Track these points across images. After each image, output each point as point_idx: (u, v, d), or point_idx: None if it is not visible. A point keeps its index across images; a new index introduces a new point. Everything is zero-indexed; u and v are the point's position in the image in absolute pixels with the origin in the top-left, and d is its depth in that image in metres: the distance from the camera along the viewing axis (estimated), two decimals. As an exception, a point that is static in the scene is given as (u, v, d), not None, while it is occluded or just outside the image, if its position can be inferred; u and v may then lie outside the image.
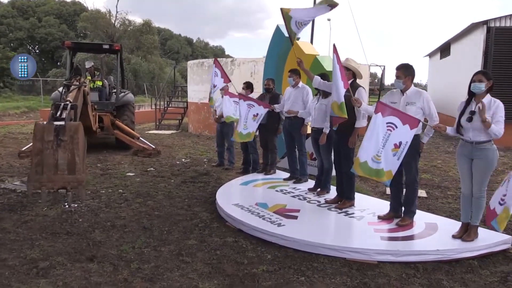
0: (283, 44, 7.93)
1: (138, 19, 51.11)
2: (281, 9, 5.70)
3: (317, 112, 5.89)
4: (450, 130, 4.28)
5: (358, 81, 5.32)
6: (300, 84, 6.50)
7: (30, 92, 29.48)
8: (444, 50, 19.08)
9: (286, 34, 6.30)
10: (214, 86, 7.37)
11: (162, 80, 34.36)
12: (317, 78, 5.61)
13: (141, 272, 3.70)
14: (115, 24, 36.79)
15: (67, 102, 5.36)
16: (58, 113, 5.03)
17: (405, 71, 4.55)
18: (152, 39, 38.69)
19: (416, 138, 4.58)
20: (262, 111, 6.60)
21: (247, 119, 6.61)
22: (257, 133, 7.34)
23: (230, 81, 7.38)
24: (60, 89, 10.52)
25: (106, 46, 11.54)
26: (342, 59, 5.20)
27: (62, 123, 4.77)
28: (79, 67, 8.07)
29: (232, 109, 6.98)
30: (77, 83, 6.83)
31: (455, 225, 4.54)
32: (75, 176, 4.66)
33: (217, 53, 62.04)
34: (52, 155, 4.63)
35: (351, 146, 5.29)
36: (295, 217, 4.97)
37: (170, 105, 18.32)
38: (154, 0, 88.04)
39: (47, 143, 4.64)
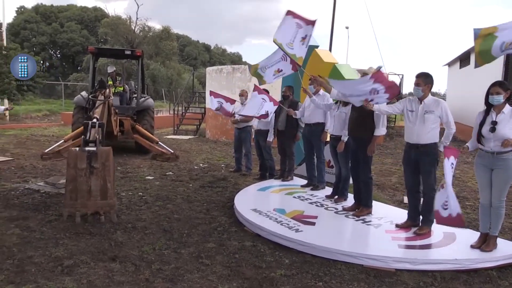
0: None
1: (157, 26, 51.87)
2: (274, 40, 5.67)
3: (337, 120, 5.94)
4: (471, 146, 4.28)
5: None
6: (321, 92, 6.53)
7: (51, 95, 30.12)
8: (464, 59, 18.92)
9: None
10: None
11: (180, 85, 34.69)
12: (334, 90, 5.63)
13: (162, 273, 3.78)
14: (135, 30, 37.31)
15: (95, 121, 5.57)
16: (88, 134, 5.27)
17: (425, 79, 4.59)
18: (171, 45, 39.07)
19: (434, 146, 4.61)
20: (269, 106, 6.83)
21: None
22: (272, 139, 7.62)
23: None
24: (83, 93, 10.82)
25: (128, 52, 11.82)
26: (364, 67, 5.23)
27: (94, 149, 5.01)
28: (103, 80, 8.28)
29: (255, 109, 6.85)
30: (103, 97, 7.03)
31: (474, 235, 4.53)
32: (107, 201, 4.97)
33: (235, 60, 62.40)
34: (86, 182, 4.92)
35: (370, 154, 5.32)
36: (313, 223, 5.02)
37: (188, 111, 18.52)
38: (173, 7, 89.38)
39: (80, 170, 4.90)
